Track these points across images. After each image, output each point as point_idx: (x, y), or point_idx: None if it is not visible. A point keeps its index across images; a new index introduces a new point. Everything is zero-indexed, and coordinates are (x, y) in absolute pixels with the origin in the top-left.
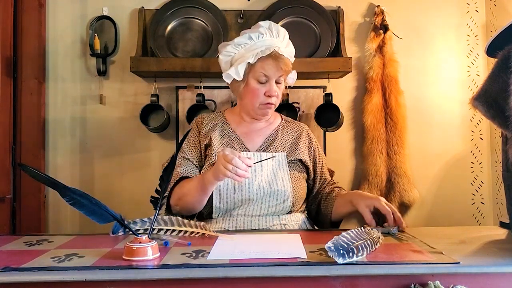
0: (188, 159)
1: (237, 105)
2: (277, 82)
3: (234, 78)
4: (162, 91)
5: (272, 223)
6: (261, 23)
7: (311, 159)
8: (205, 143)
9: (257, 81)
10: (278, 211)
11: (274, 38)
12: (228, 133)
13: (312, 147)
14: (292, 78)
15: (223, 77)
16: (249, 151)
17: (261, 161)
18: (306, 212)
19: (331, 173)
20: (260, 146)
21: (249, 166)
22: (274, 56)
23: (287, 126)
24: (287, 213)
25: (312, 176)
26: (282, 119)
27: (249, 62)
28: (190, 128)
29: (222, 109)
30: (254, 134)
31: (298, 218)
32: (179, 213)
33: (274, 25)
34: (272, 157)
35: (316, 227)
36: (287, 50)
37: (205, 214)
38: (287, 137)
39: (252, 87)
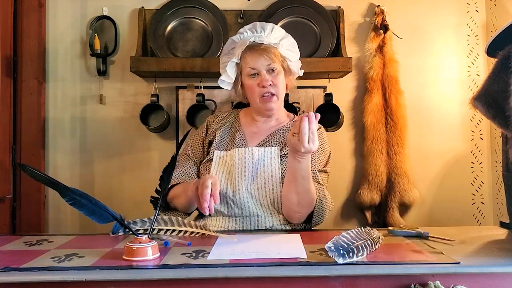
0: (189, 155)
1: (250, 107)
2: (271, 71)
3: (233, 84)
4: (162, 91)
5: (272, 224)
6: (246, 26)
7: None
8: (209, 139)
9: (248, 77)
10: (272, 208)
11: (258, 33)
12: (234, 130)
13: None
14: (294, 65)
15: (220, 84)
16: (247, 146)
17: None
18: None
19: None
20: (260, 142)
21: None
22: (254, 47)
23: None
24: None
25: None
26: (294, 118)
27: (236, 62)
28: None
29: (238, 110)
30: (261, 132)
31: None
32: (175, 208)
33: (260, 23)
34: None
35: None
36: (275, 40)
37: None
38: (286, 133)
39: (246, 84)
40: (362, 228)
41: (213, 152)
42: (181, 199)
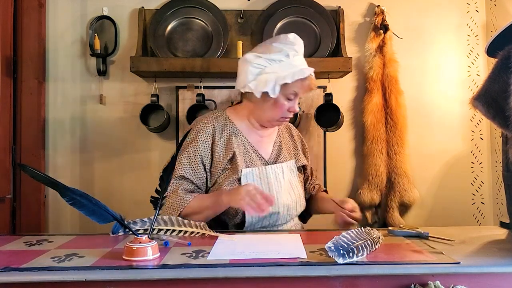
0: (192, 180)
1: (243, 107)
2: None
3: (252, 86)
4: (162, 91)
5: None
6: (290, 36)
7: (307, 160)
8: (228, 157)
9: (286, 98)
10: (294, 216)
11: (301, 54)
12: (244, 144)
13: (305, 147)
14: None
15: (240, 87)
16: (267, 163)
17: None
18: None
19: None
20: (271, 155)
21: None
22: (307, 78)
23: (281, 129)
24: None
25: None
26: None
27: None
28: (194, 134)
29: (222, 109)
30: (264, 140)
31: (298, 221)
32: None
33: (298, 40)
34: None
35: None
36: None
37: (236, 224)
38: (288, 142)
39: (280, 103)
40: (362, 228)
41: (241, 171)
42: (202, 215)
